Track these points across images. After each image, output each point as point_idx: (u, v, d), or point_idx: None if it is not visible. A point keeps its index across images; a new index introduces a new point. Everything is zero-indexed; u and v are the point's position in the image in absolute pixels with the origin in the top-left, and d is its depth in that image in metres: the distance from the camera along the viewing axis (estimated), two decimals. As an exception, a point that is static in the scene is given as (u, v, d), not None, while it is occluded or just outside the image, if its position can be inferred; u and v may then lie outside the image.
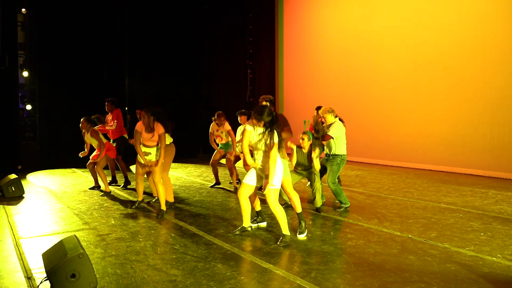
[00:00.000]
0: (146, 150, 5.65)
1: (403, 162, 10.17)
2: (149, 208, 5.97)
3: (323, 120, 6.14)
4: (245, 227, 4.70)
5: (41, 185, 7.88)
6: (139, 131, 5.55)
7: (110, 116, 7.73)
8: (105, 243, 4.38)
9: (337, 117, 5.95)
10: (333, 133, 5.75)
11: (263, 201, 5.58)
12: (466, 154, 8.97)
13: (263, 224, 5.00)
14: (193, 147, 12.36)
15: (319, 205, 5.72)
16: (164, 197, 5.59)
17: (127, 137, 7.85)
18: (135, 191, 6.22)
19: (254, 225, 4.95)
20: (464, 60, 9.01)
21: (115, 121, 7.60)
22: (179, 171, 9.54)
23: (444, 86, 9.39)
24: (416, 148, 9.91)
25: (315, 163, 5.45)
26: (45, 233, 4.81)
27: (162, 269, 3.68)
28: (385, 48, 10.59)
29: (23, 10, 10.40)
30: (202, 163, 10.58)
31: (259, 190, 4.79)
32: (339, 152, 5.80)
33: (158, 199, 5.67)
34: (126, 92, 11.52)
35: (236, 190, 7.01)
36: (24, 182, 7.59)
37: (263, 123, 4.19)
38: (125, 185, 7.42)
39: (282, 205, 4.52)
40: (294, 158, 5.59)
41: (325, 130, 5.85)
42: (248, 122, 4.36)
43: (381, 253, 4.07)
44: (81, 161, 8.01)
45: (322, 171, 5.97)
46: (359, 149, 10.80)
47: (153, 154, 5.67)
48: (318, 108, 7.90)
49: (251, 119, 4.29)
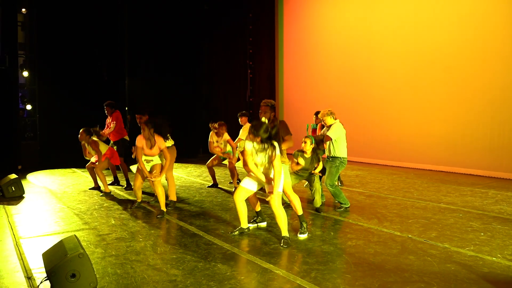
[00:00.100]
0: (148, 158, 5.68)
1: (403, 162, 10.18)
2: (149, 208, 5.98)
3: (323, 123, 6.13)
4: (243, 228, 4.71)
5: (41, 185, 7.89)
6: (139, 146, 5.54)
7: (109, 119, 7.72)
8: (105, 243, 4.39)
9: (337, 119, 5.94)
10: (332, 134, 5.73)
11: (263, 201, 5.59)
12: (466, 154, 8.97)
13: (263, 224, 5.01)
14: (193, 147, 12.36)
15: (318, 205, 5.73)
16: (164, 198, 5.60)
17: (128, 139, 7.82)
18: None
19: (253, 225, 4.95)
20: (464, 60, 9.02)
21: (114, 122, 7.58)
22: (179, 171, 9.54)
23: (444, 86, 9.39)
24: (416, 148, 9.91)
25: (316, 171, 5.67)
26: (45, 233, 4.81)
27: (162, 269, 3.68)
28: (385, 48, 10.60)
29: (23, 10, 10.40)
30: (202, 163, 10.57)
31: (260, 190, 4.80)
32: (338, 154, 5.76)
33: (158, 199, 5.67)
34: (126, 92, 11.52)
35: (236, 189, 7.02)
36: (24, 182, 7.59)
37: (260, 138, 4.20)
38: (127, 186, 7.41)
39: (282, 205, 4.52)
40: (302, 163, 5.65)
41: (325, 132, 5.86)
42: (247, 138, 4.38)
43: (381, 253, 4.07)
44: (81, 161, 7.99)
45: (323, 171, 5.97)
46: (359, 149, 10.80)
47: (155, 160, 5.70)
48: (317, 113, 7.89)
49: (248, 134, 4.29)
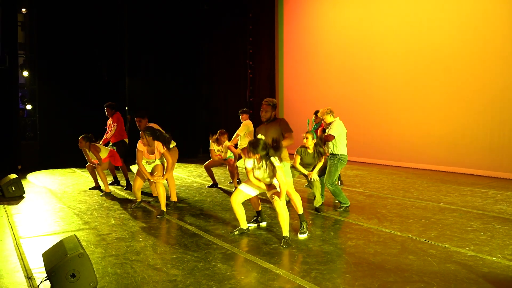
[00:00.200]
0: (149, 160, 5.73)
1: (403, 162, 10.18)
2: (149, 208, 5.98)
3: (323, 122, 6.13)
4: (243, 228, 4.71)
5: (41, 185, 7.89)
6: (140, 150, 5.58)
7: (110, 121, 7.73)
8: (105, 243, 4.39)
9: (337, 117, 5.94)
10: (334, 131, 5.72)
11: (264, 200, 5.59)
12: (466, 154, 8.97)
13: (263, 224, 5.01)
14: (193, 147, 12.35)
15: (318, 204, 5.72)
16: (165, 198, 5.60)
17: (127, 142, 7.85)
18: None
19: (254, 225, 4.95)
20: (464, 60, 9.01)
21: (115, 124, 7.60)
22: (179, 171, 9.54)
23: (444, 86, 9.39)
24: (416, 148, 9.91)
25: (314, 172, 5.64)
26: (45, 233, 4.81)
27: (162, 269, 3.69)
28: (385, 48, 10.60)
29: (23, 10, 10.40)
30: (202, 163, 10.52)
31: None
32: (336, 151, 5.74)
33: (158, 199, 5.67)
34: (126, 92, 11.51)
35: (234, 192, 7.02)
36: (24, 182, 7.59)
37: (259, 155, 4.24)
38: (127, 187, 7.41)
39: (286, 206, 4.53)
40: (298, 161, 5.65)
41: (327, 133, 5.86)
42: (245, 156, 4.41)
43: (381, 253, 4.08)
44: (81, 161, 7.98)
45: (322, 171, 5.98)
46: (359, 149, 10.79)
47: (157, 161, 5.74)
48: (316, 112, 7.89)
49: (246, 152, 4.32)
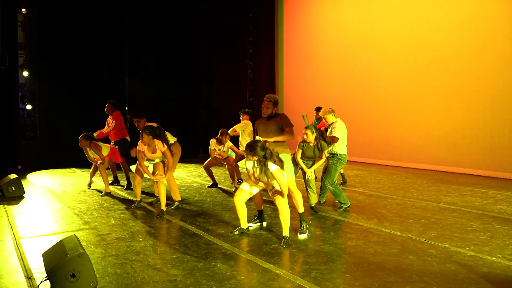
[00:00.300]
0: (150, 159, 5.74)
1: (403, 162, 10.18)
2: (149, 208, 5.98)
3: (324, 121, 6.13)
4: (243, 228, 4.71)
5: (41, 185, 7.89)
6: (141, 150, 5.58)
7: (110, 119, 7.73)
8: (105, 243, 4.39)
9: (338, 118, 5.95)
10: (338, 134, 5.73)
11: (265, 201, 5.59)
12: (466, 154, 8.97)
13: (263, 224, 5.01)
14: (193, 147, 12.34)
15: (313, 202, 5.66)
16: (165, 197, 5.60)
17: (128, 139, 7.84)
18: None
19: (254, 225, 4.95)
20: (464, 60, 9.01)
21: (114, 121, 7.60)
22: (179, 171, 9.54)
23: (444, 86, 9.39)
24: (416, 148, 9.91)
25: (310, 170, 5.55)
26: (45, 233, 4.81)
27: (162, 269, 3.69)
28: (385, 48, 10.60)
29: (23, 10, 10.40)
30: (202, 163, 10.52)
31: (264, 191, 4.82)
32: (335, 151, 5.74)
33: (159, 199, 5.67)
34: (126, 92, 11.51)
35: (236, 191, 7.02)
36: (24, 182, 7.59)
37: (257, 157, 4.24)
38: (127, 187, 7.40)
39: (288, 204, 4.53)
40: (299, 155, 5.58)
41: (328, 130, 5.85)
42: (245, 157, 4.41)
43: (381, 253, 4.08)
44: (81, 161, 8.00)
45: (323, 169, 5.99)
46: (359, 149, 10.79)
47: (157, 159, 5.74)
48: (317, 109, 7.90)
49: (246, 156, 4.32)
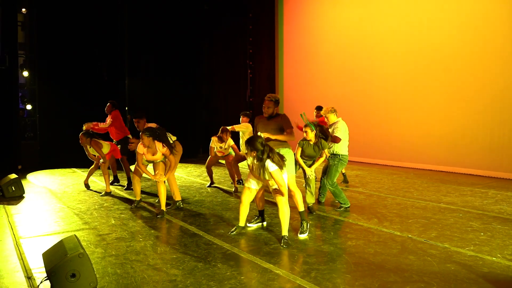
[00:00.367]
0: (150, 160, 5.73)
1: (403, 162, 10.17)
2: (149, 208, 5.98)
3: (325, 120, 6.13)
4: (240, 226, 4.71)
5: (41, 185, 7.89)
6: (140, 153, 5.55)
7: (108, 118, 7.71)
8: (105, 243, 4.39)
9: (340, 117, 5.96)
10: (340, 134, 5.73)
11: (266, 201, 5.59)
12: (466, 154, 8.97)
13: (263, 224, 5.01)
14: (193, 147, 12.34)
15: (311, 202, 5.65)
16: (165, 197, 5.60)
17: (130, 137, 7.81)
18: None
19: (255, 225, 4.96)
20: (464, 60, 9.01)
21: (111, 120, 7.55)
22: (179, 171, 9.54)
23: (444, 86, 9.38)
24: (416, 148, 9.91)
25: (311, 169, 5.54)
26: (45, 233, 4.81)
27: (162, 269, 3.69)
28: (385, 48, 10.59)
29: (23, 10, 10.40)
30: (202, 163, 10.56)
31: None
32: (337, 151, 5.75)
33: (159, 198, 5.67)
34: (126, 92, 11.50)
35: (237, 191, 7.02)
36: (24, 182, 7.59)
37: (255, 153, 4.23)
38: (127, 187, 7.40)
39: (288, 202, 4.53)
40: (299, 153, 5.56)
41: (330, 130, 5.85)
42: (245, 154, 4.42)
43: (381, 253, 4.08)
44: (81, 161, 8.01)
45: (324, 169, 5.99)
46: (359, 149, 10.78)
47: (158, 159, 5.73)
48: (318, 108, 7.90)
49: (246, 151, 4.33)
